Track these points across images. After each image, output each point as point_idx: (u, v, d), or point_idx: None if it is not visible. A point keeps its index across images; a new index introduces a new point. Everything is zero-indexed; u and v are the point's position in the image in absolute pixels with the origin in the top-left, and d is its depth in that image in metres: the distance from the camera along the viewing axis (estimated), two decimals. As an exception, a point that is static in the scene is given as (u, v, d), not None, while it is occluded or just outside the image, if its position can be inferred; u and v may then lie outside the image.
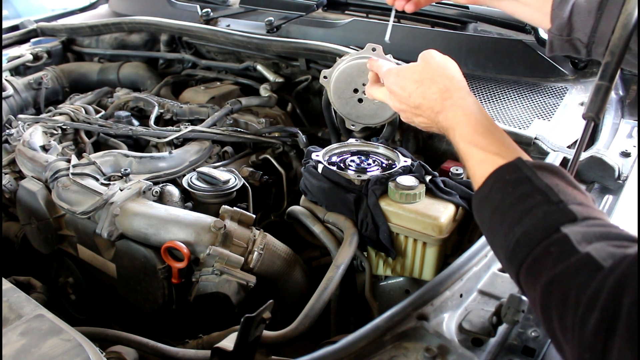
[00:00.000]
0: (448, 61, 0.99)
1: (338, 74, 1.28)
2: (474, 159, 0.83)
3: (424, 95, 0.95)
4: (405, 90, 0.99)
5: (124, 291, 1.41)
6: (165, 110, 1.90)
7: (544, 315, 0.63)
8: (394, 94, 1.03)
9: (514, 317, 0.83)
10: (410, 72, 0.99)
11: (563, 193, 0.69)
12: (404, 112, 1.03)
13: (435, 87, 0.94)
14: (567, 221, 0.66)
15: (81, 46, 2.41)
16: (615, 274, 0.56)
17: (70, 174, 1.45)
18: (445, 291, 0.95)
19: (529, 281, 0.67)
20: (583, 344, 0.57)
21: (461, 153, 0.87)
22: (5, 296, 0.83)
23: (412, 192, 1.20)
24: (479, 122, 0.87)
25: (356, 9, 2.06)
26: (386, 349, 0.85)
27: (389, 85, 1.04)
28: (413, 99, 0.97)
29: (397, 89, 1.01)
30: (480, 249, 1.04)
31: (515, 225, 0.69)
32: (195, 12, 2.21)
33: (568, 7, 1.02)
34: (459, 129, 0.88)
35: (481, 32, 1.83)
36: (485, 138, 0.83)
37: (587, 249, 0.61)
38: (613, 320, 0.54)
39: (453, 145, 0.92)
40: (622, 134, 1.45)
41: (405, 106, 1.01)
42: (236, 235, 1.28)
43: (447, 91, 0.93)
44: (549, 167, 0.74)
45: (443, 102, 0.92)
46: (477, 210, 0.80)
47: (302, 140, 1.74)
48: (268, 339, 0.96)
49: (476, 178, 0.81)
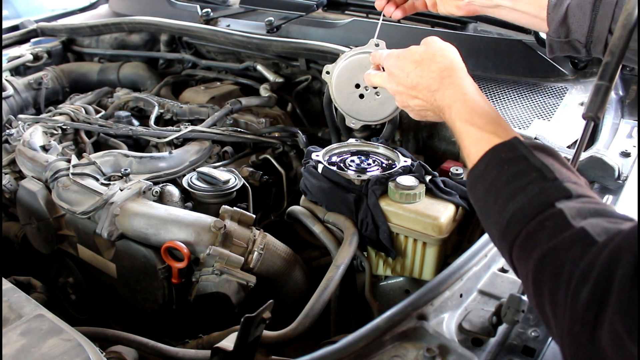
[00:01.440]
0: (449, 46, 1.01)
1: (340, 69, 1.28)
2: (470, 137, 0.84)
3: (422, 74, 0.97)
4: (404, 70, 1.01)
5: (124, 291, 1.41)
6: (165, 110, 1.90)
7: (536, 290, 0.64)
8: (392, 76, 1.05)
9: (514, 317, 0.83)
10: (410, 53, 1.02)
11: (558, 172, 0.70)
12: (400, 94, 1.05)
13: (434, 66, 0.96)
14: (562, 197, 0.67)
15: (81, 46, 2.41)
16: (609, 248, 0.57)
17: (70, 174, 1.45)
18: (445, 291, 0.95)
19: (522, 256, 0.67)
20: (574, 317, 0.57)
21: (457, 131, 0.88)
22: (6, 296, 0.83)
23: (412, 192, 1.20)
24: (476, 101, 0.88)
25: (356, 9, 2.06)
26: (386, 349, 0.85)
27: (388, 67, 1.06)
28: (411, 79, 0.99)
29: (395, 70, 1.03)
30: (480, 249, 1.04)
31: (509, 202, 0.70)
32: (195, 12, 2.21)
33: (562, 9, 1.02)
34: (455, 107, 0.89)
35: (481, 32, 1.82)
36: (482, 117, 0.84)
37: (582, 224, 0.62)
38: (605, 293, 0.54)
39: (448, 124, 0.93)
40: (622, 134, 1.45)
41: (402, 87, 1.03)
42: (236, 235, 1.28)
43: (447, 70, 0.95)
44: (545, 147, 0.75)
45: (442, 80, 0.94)
46: (472, 188, 0.81)
47: (302, 140, 1.74)
48: (268, 339, 0.96)
49: (471, 156, 0.82)
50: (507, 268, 1.04)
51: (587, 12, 1.00)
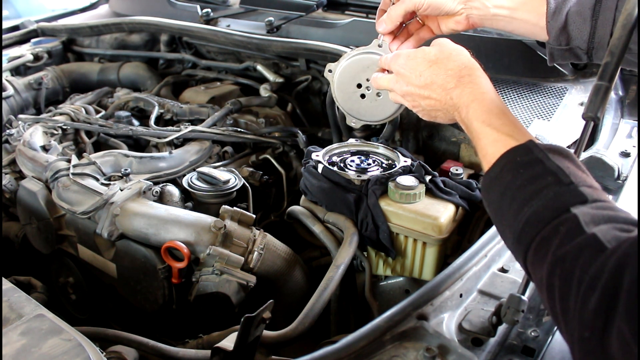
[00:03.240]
0: (461, 48, 1.01)
1: (343, 68, 1.28)
2: (486, 139, 0.83)
3: (438, 72, 0.96)
4: (416, 69, 1.00)
5: (124, 291, 1.41)
6: (166, 111, 1.90)
7: (549, 295, 0.64)
8: (400, 76, 1.03)
9: (514, 317, 0.83)
10: (423, 53, 1.01)
11: (574, 175, 0.70)
12: (410, 94, 1.03)
13: (452, 64, 0.96)
14: (577, 202, 0.67)
15: (81, 46, 2.41)
16: (617, 254, 0.57)
17: (70, 174, 1.45)
18: (445, 291, 0.95)
19: (537, 260, 0.67)
20: (584, 323, 0.57)
21: (473, 132, 0.87)
22: (6, 296, 0.83)
23: (412, 192, 1.20)
24: (493, 102, 0.88)
25: (356, 9, 2.06)
26: (386, 349, 0.85)
27: (396, 68, 1.04)
28: (424, 78, 0.98)
29: (405, 70, 1.02)
30: (480, 248, 1.04)
31: (525, 205, 0.70)
32: (195, 12, 2.21)
33: (562, 17, 1.01)
34: (472, 107, 0.88)
35: (481, 32, 1.83)
36: (499, 119, 0.84)
37: (594, 230, 0.62)
38: (613, 300, 0.55)
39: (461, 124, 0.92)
40: (621, 134, 1.46)
41: (412, 87, 1.01)
42: (236, 235, 1.28)
43: (465, 68, 0.95)
44: (560, 149, 0.75)
45: (460, 78, 0.93)
46: (486, 191, 0.81)
47: (302, 140, 1.74)
48: (268, 339, 0.96)
49: (487, 157, 0.82)
50: (507, 268, 1.04)
51: (587, 19, 1.00)
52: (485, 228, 1.27)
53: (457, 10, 1.10)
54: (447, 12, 1.11)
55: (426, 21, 1.20)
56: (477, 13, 1.10)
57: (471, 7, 1.09)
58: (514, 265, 1.05)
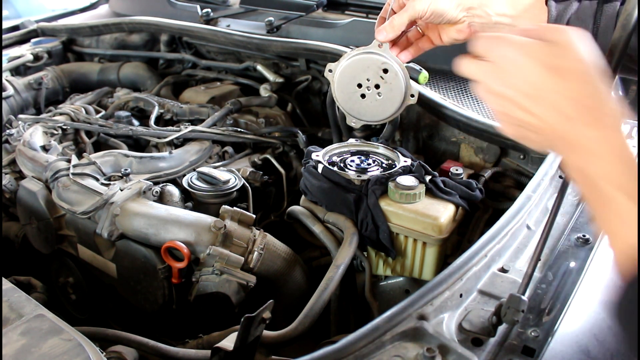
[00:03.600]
0: (591, 51, 0.70)
1: (343, 68, 1.28)
2: (618, 209, 0.63)
3: (554, 88, 0.68)
4: (523, 69, 0.70)
5: (124, 291, 1.41)
6: (166, 111, 1.90)
7: None
8: (499, 71, 0.73)
9: (514, 317, 0.83)
10: (541, 51, 0.70)
11: None
12: (502, 98, 0.73)
13: (576, 85, 0.68)
14: None
15: (81, 46, 2.41)
16: None
17: (70, 174, 1.45)
18: (445, 291, 0.95)
19: None
20: None
21: (595, 192, 0.65)
22: (6, 296, 0.83)
23: (412, 192, 1.20)
24: (631, 158, 0.65)
25: (356, 9, 2.06)
26: (386, 349, 0.85)
27: (497, 59, 0.73)
28: (531, 86, 0.70)
29: (510, 66, 0.72)
30: (480, 248, 1.04)
31: None
32: (195, 12, 2.21)
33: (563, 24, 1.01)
34: (603, 162, 0.65)
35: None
36: (633, 181, 0.62)
37: None
38: None
39: (572, 169, 0.68)
40: (622, 134, 1.45)
41: (510, 91, 0.72)
42: (236, 235, 1.28)
43: (594, 97, 0.67)
44: None
45: (584, 110, 0.67)
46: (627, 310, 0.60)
47: (302, 140, 1.74)
48: (268, 339, 0.96)
49: (619, 237, 0.62)
50: (507, 268, 1.04)
51: (589, 26, 0.99)
52: (485, 228, 1.27)
53: (459, 19, 1.09)
54: (449, 20, 1.10)
55: (426, 31, 1.19)
56: (479, 21, 1.09)
57: (473, 15, 1.08)
58: (514, 265, 1.05)
